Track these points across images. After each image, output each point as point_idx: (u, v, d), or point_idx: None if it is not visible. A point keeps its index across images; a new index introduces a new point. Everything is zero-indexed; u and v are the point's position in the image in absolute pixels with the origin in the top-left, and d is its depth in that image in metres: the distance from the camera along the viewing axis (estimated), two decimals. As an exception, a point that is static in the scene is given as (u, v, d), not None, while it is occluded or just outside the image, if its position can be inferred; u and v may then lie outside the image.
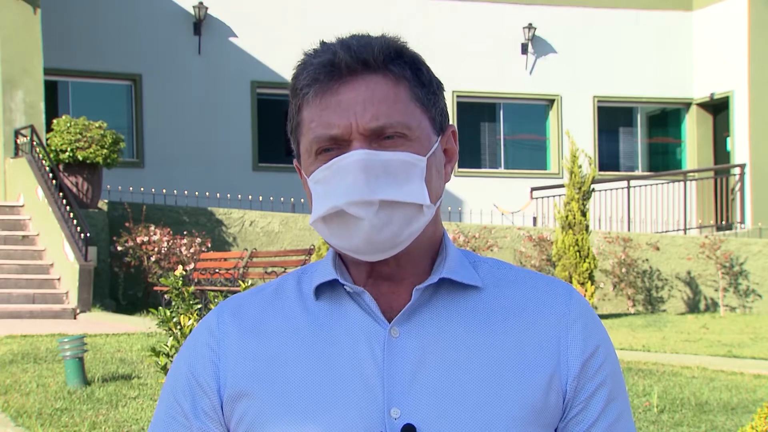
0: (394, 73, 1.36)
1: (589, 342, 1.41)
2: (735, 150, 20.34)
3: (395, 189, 1.32)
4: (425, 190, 1.35)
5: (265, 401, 1.36)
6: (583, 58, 20.57)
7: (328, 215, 1.34)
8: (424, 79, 1.39)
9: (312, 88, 1.36)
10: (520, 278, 1.45)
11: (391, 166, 1.33)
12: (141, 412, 6.69)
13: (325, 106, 1.35)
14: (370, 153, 1.32)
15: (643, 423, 6.51)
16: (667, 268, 16.89)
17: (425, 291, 1.39)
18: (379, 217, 1.31)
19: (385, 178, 1.32)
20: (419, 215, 1.34)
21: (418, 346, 1.36)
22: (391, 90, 1.35)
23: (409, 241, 1.35)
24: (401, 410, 1.33)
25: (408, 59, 1.39)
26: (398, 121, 1.35)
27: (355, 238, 1.33)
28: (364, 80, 1.35)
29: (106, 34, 18.33)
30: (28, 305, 13.26)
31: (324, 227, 1.36)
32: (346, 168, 1.32)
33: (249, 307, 1.45)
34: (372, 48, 1.36)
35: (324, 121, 1.35)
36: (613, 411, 1.42)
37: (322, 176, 1.35)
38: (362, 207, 1.31)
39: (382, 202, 1.31)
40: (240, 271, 14.12)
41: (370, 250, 1.34)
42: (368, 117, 1.33)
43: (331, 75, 1.35)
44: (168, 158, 18.56)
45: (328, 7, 19.25)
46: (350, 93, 1.34)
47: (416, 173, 1.34)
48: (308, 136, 1.37)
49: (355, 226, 1.33)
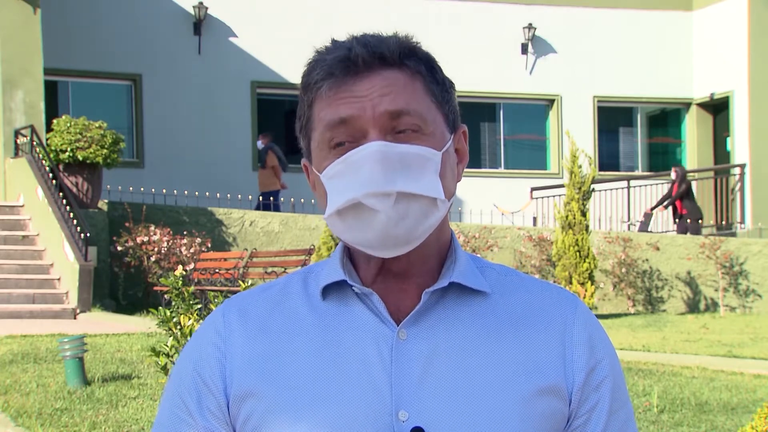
0: (409, 68, 1.36)
1: (594, 353, 1.42)
2: (735, 150, 20.34)
3: (412, 182, 1.31)
4: (440, 184, 1.34)
5: (272, 401, 1.35)
6: (583, 58, 20.57)
7: (344, 209, 1.32)
8: (438, 76, 1.39)
9: (326, 82, 1.34)
10: (526, 285, 1.45)
11: (407, 159, 1.31)
12: (141, 412, 6.68)
13: (338, 98, 1.33)
14: (387, 144, 1.31)
15: (643, 423, 6.51)
16: (667, 268, 16.89)
17: (433, 294, 1.38)
18: (396, 209, 1.30)
19: (402, 171, 1.31)
20: (434, 210, 1.33)
21: (425, 349, 1.36)
22: (408, 83, 1.35)
23: (424, 236, 1.34)
24: (409, 413, 1.33)
25: (422, 57, 1.38)
26: (415, 109, 1.34)
27: (370, 231, 1.32)
28: (381, 74, 1.34)
29: (106, 34, 18.33)
30: (28, 305, 13.25)
31: (339, 221, 1.34)
32: (362, 160, 1.30)
33: (255, 306, 1.44)
34: (388, 44, 1.35)
35: (335, 110, 1.33)
36: (617, 422, 1.43)
37: (336, 170, 1.33)
38: (379, 198, 1.30)
39: (399, 194, 1.30)
40: (240, 271, 14.11)
41: (385, 245, 1.32)
42: (386, 101, 1.32)
43: (347, 69, 1.33)
44: (168, 158, 18.56)
45: (327, 7, 19.25)
46: (366, 85, 1.33)
47: (431, 167, 1.33)
48: (319, 127, 1.35)
49: (371, 219, 1.31)
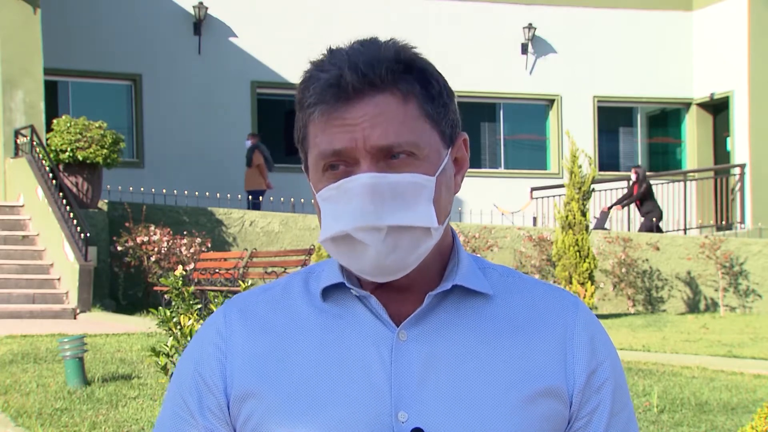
0: (402, 91, 1.33)
1: (595, 354, 1.42)
2: (735, 150, 20.34)
3: (403, 213, 1.30)
4: (433, 212, 1.33)
5: (272, 402, 1.36)
6: (583, 58, 20.57)
7: (337, 237, 1.33)
8: (433, 91, 1.36)
9: (317, 108, 1.33)
10: (528, 287, 1.45)
11: (399, 189, 1.31)
12: (141, 412, 6.68)
13: (331, 124, 1.32)
14: (377, 176, 1.30)
15: (643, 423, 6.51)
16: (667, 268, 16.89)
17: (435, 296, 1.38)
18: (386, 243, 1.30)
19: (392, 202, 1.30)
20: (427, 238, 1.33)
21: (426, 350, 1.36)
22: (400, 108, 1.33)
23: (416, 263, 1.34)
24: (409, 414, 1.33)
25: (417, 72, 1.35)
26: (407, 140, 1.32)
27: (362, 262, 1.32)
28: (372, 99, 1.32)
29: (106, 34, 18.33)
30: (28, 305, 13.25)
31: (333, 247, 1.34)
32: (353, 191, 1.30)
33: (256, 306, 1.44)
34: (380, 65, 1.32)
35: (329, 138, 1.33)
36: (619, 424, 1.43)
37: (329, 195, 1.33)
38: (369, 233, 1.30)
39: (389, 228, 1.30)
40: (240, 271, 14.11)
41: (377, 273, 1.33)
42: (375, 135, 1.31)
43: (337, 96, 1.32)
44: (168, 158, 18.56)
45: (328, 7, 19.25)
46: (357, 113, 1.32)
47: (425, 195, 1.32)
48: (314, 152, 1.35)
49: (362, 251, 1.31)
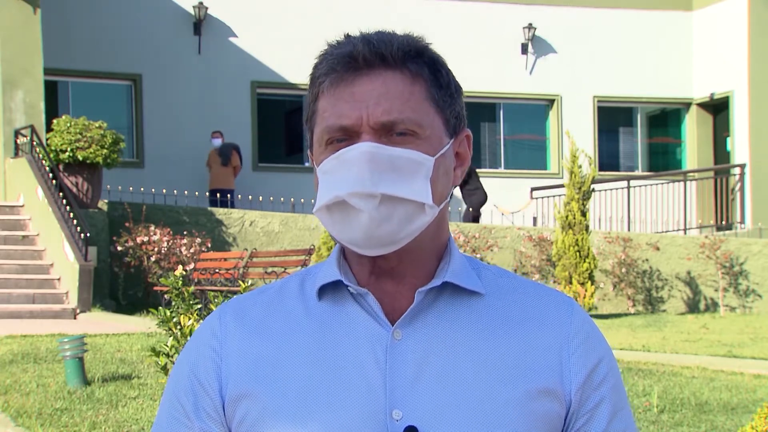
0: (411, 71, 1.37)
1: (592, 354, 1.42)
2: (735, 150, 20.34)
3: (399, 185, 1.33)
4: (429, 189, 1.35)
5: (267, 402, 1.36)
6: (583, 58, 20.57)
7: (332, 204, 1.35)
8: (442, 80, 1.40)
9: (328, 78, 1.37)
10: (522, 287, 1.46)
11: (397, 162, 1.33)
12: (141, 412, 6.68)
13: (339, 96, 1.36)
14: (377, 146, 1.33)
15: (643, 423, 6.51)
16: (667, 268, 16.89)
17: (428, 294, 1.39)
18: (380, 211, 1.32)
19: (390, 173, 1.33)
20: (421, 214, 1.34)
21: (420, 349, 1.37)
22: (407, 87, 1.36)
23: (408, 239, 1.35)
24: (403, 412, 1.33)
25: (428, 59, 1.40)
26: (409, 117, 1.35)
27: (354, 230, 1.34)
28: (381, 75, 1.36)
29: (106, 34, 18.33)
30: (28, 305, 13.25)
31: (327, 216, 1.36)
32: (352, 159, 1.33)
33: (252, 308, 1.46)
34: (392, 44, 1.37)
35: (336, 111, 1.36)
36: (619, 423, 1.43)
37: (329, 166, 1.35)
38: (363, 199, 1.32)
39: (383, 197, 1.32)
40: (240, 271, 14.11)
41: (368, 245, 1.34)
42: (380, 111, 1.34)
43: (347, 66, 1.36)
44: (168, 158, 18.55)
45: (328, 7, 19.25)
46: (365, 86, 1.35)
47: (422, 172, 1.35)
48: (321, 125, 1.38)
49: (355, 218, 1.33)
